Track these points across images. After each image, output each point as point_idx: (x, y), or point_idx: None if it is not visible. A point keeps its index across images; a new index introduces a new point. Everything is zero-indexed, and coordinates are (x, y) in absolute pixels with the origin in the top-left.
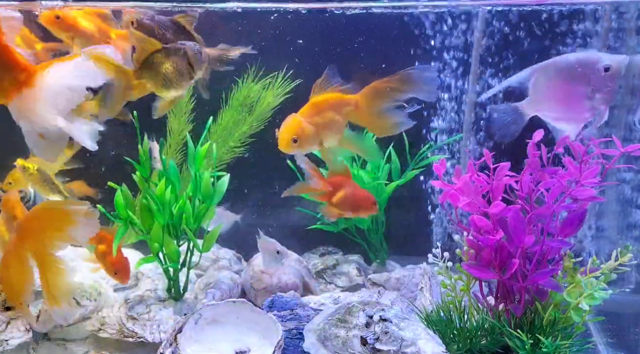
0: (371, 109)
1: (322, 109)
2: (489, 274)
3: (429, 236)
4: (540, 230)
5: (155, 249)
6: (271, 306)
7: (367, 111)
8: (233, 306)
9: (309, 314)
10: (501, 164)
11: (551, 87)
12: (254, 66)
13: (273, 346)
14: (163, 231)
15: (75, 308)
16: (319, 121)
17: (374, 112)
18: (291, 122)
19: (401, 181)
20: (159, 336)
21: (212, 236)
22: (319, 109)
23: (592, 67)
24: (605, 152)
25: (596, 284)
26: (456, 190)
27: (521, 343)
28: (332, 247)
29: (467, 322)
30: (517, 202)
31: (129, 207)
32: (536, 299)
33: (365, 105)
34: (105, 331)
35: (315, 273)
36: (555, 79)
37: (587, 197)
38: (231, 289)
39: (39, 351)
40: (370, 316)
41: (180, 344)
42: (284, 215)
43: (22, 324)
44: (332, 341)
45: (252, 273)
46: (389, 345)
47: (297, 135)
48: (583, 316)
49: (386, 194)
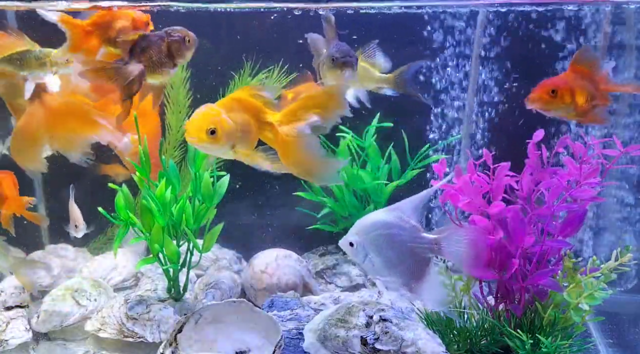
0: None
1: (243, 109)
2: (489, 274)
3: None
4: (540, 230)
5: (156, 250)
6: (271, 306)
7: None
8: (233, 306)
9: (309, 314)
10: (501, 164)
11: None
12: (249, 61)
13: (273, 346)
14: (163, 232)
15: (75, 306)
16: (238, 120)
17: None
18: (208, 110)
19: (401, 181)
20: (159, 336)
21: (212, 236)
22: (241, 106)
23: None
24: (606, 152)
25: (596, 284)
26: (456, 190)
27: (521, 343)
28: (332, 247)
29: (467, 322)
30: (517, 202)
31: (129, 208)
32: (536, 299)
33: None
34: (105, 331)
35: (315, 273)
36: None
37: (587, 197)
38: (231, 289)
39: (39, 351)
40: (370, 316)
41: (180, 344)
42: (284, 215)
43: (22, 324)
44: (332, 341)
45: (252, 273)
46: (389, 345)
47: (216, 126)
48: (583, 316)
49: (386, 194)
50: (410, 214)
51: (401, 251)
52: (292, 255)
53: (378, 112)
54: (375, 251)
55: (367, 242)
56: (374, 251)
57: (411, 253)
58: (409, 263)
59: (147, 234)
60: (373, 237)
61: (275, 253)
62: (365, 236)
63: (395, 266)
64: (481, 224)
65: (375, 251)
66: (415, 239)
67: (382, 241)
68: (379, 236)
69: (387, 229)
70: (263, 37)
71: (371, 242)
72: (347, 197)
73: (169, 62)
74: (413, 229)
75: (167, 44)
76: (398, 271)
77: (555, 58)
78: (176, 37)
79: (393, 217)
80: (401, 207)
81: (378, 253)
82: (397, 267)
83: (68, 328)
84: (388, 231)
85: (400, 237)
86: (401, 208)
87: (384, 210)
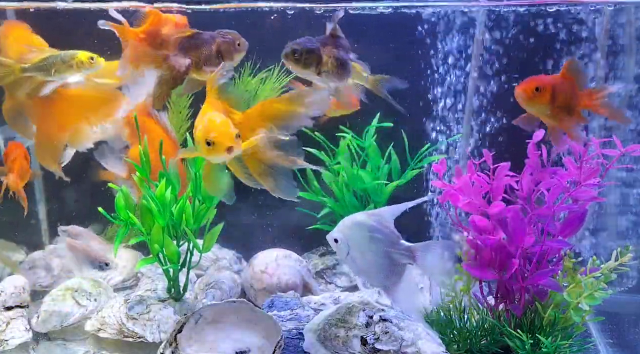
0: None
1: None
2: (489, 274)
3: (429, 236)
4: (540, 230)
5: (156, 250)
6: (271, 306)
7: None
8: (233, 306)
9: (308, 314)
10: (501, 164)
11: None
12: (249, 61)
13: (273, 346)
14: (163, 232)
15: (75, 306)
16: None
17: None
18: (222, 117)
19: (401, 181)
20: (159, 336)
21: (212, 236)
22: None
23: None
24: (606, 152)
25: (596, 284)
26: (456, 190)
27: (521, 343)
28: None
29: (467, 322)
30: (517, 202)
31: (128, 209)
32: (536, 299)
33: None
34: (105, 331)
35: (315, 273)
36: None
37: (587, 197)
38: (231, 289)
39: (39, 351)
40: (370, 316)
41: (180, 344)
42: (284, 215)
43: (22, 324)
44: (332, 341)
45: (252, 273)
46: (389, 345)
47: (237, 130)
48: (583, 316)
49: (386, 194)
50: (389, 221)
51: (378, 253)
52: (292, 255)
53: (378, 112)
54: (356, 250)
55: (349, 240)
56: (355, 249)
57: (388, 257)
58: (385, 266)
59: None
60: (355, 236)
61: (275, 253)
62: (348, 234)
63: (372, 266)
64: (481, 224)
65: (356, 250)
66: (393, 245)
67: (363, 241)
68: (360, 237)
69: (369, 231)
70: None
71: (353, 241)
72: (347, 197)
73: (216, 61)
74: (392, 235)
75: (217, 44)
76: (375, 272)
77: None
78: (228, 39)
79: (374, 221)
80: (382, 213)
81: (358, 252)
82: (374, 268)
83: (68, 328)
84: (369, 234)
85: (379, 241)
86: (381, 214)
87: (367, 213)
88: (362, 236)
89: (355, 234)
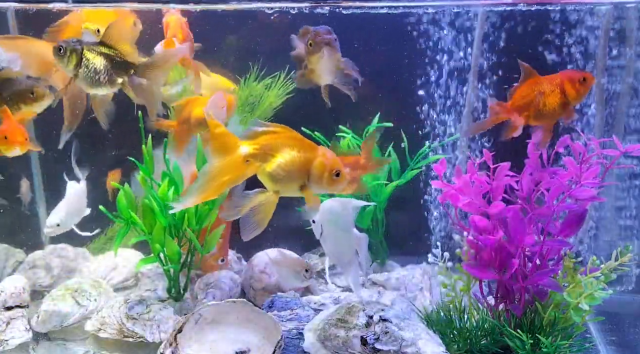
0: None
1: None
2: (489, 274)
3: (429, 236)
4: (540, 230)
5: (157, 250)
6: (271, 306)
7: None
8: (233, 306)
9: (309, 314)
10: (501, 164)
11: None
12: (256, 66)
13: (273, 346)
14: (164, 232)
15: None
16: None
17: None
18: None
19: (401, 181)
20: (159, 336)
21: (214, 237)
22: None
23: None
24: (606, 152)
25: (596, 284)
26: (456, 190)
27: (521, 343)
28: None
29: (467, 322)
30: (517, 202)
31: (130, 208)
32: (536, 299)
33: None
34: (105, 331)
35: (316, 273)
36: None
37: (587, 197)
38: (231, 289)
39: (39, 351)
40: (370, 316)
41: (180, 344)
42: (284, 215)
43: (22, 324)
44: (332, 341)
45: (252, 273)
46: (389, 345)
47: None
48: (583, 316)
49: (386, 194)
50: (352, 211)
51: (337, 237)
52: (292, 255)
53: (378, 112)
54: (326, 231)
55: (323, 222)
56: (325, 230)
57: (345, 241)
58: (342, 247)
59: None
60: (326, 219)
61: (275, 253)
62: (322, 217)
63: (334, 247)
64: (481, 224)
65: (326, 231)
66: (349, 230)
67: (330, 224)
68: (329, 220)
69: (335, 216)
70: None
71: (325, 223)
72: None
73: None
74: (350, 224)
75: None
76: (336, 252)
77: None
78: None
79: (342, 208)
80: (347, 204)
81: (327, 233)
82: (335, 248)
83: (68, 328)
84: (335, 218)
85: (340, 226)
86: (349, 204)
87: (340, 200)
88: (330, 220)
89: (327, 217)
